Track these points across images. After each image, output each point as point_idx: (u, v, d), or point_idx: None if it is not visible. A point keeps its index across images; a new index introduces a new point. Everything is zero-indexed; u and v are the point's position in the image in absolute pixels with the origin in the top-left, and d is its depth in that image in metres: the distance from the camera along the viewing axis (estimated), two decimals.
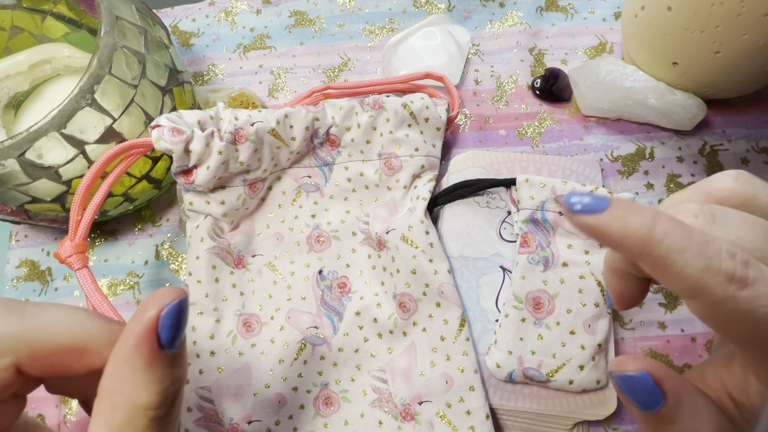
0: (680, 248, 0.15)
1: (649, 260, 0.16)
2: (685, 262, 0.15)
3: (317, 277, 0.32)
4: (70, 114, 0.26)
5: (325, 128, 0.33)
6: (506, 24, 0.41)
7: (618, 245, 0.16)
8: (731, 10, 0.28)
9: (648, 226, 0.16)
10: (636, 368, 0.18)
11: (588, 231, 0.17)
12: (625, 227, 0.16)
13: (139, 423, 0.15)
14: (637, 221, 0.16)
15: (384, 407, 0.29)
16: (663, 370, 0.17)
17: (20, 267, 0.36)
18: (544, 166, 0.34)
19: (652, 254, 0.16)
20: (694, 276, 0.15)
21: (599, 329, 0.29)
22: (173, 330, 0.16)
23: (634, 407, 0.18)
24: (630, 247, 0.16)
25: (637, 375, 0.17)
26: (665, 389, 0.17)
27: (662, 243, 0.15)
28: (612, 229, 0.16)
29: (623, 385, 0.18)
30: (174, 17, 0.43)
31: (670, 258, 0.15)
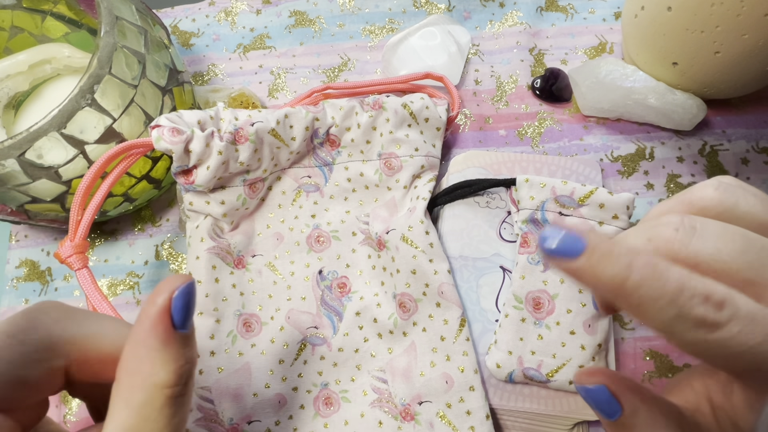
0: (653, 297, 0.16)
1: (624, 304, 0.17)
2: (657, 309, 0.16)
3: (317, 277, 0.32)
4: (70, 114, 0.26)
5: (325, 128, 0.33)
6: (506, 24, 0.41)
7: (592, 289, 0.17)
8: (731, 10, 0.28)
9: (622, 276, 0.16)
10: (593, 381, 0.19)
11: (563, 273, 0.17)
12: (598, 276, 0.16)
13: (157, 401, 0.16)
14: (611, 271, 0.16)
15: (384, 407, 0.29)
16: (620, 384, 0.19)
17: (20, 267, 0.36)
18: (544, 166, 0.34)
19: (626, 301, 0.16)
20: (666, 322, 0.16)
21: (599, 329, 0.29)
22: (184, 310, 0.17)
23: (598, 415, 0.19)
24: (603, 292, 0.17)
25: (594, 388, 0.19)
26: (621, 401, 0.18)
27: (636, 293, 0.16)
28: (586, 276, 0.17)
29: (585, 396, 0.19)
30: (174, 17, 0.43)
31: (643, 306, 0.16)
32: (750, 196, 0.18)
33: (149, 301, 0.17)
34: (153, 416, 0.16)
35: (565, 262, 0.17)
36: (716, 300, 0.16)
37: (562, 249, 0.17)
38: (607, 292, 0.16)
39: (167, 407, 0.16)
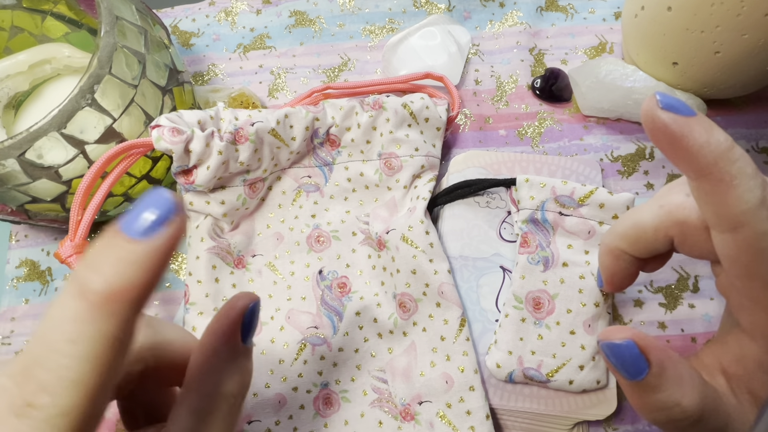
0: (750, 173, 0.16)
1: (716, 176, 0.16)
2: (748, 187, 0.16)
3: (317, 277, 0.32)
4: (70, 114, 0.27)
5: (325, 128, 0.33)
6: (506, 24, 0.41)
7: (694, 152, 0.17)
8: (731, 10, 0.28)
9: (729, 143, 0.16)
10: (622, 337, 0.18)
11: (667, 132, 0.17)
12: (709, 135, 0.16)
13: (223, 410, 0.17)
14: (721, 135, 0.16)
15: (384, 407, 0.29)
16: (648, 340, 0.18)
17: (20, 267, 0.36)
18: (544, 166, 0.34)
19: (723, 169, 0.16)
20: (751, 203, 0.16)
21: (599, 329, 0.29)
22: (252, 326, 0.18)
23: (621, 376, 0.19)
24: (705, 156, 0.16)
25: (623, 343, 0.18)
26: (650, 358, 0.18)
27: (736, 162, 0.16)
28: (695, 133, 0.16)
29: (610, 353, 0.19)
30: (174, 17, 0.43)
31: (737, 179, 0.16)
32: None
33: (223, 314, 0.18)
34: (216, 424, 0.17)
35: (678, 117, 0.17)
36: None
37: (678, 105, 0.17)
38: (710, 154, 0.16)
39: (229, 415, 0.17)
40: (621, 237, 0.22)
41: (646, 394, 0.18)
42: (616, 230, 0.22)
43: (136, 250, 0.13)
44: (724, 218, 0.17)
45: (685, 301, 0.32)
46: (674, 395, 0.18)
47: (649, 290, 0.33)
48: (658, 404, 0.18)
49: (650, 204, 0.21)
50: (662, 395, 0.18)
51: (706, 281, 0.33)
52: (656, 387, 0.18)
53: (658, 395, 0.18)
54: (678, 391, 0.18)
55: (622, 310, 0.32)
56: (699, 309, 0.32)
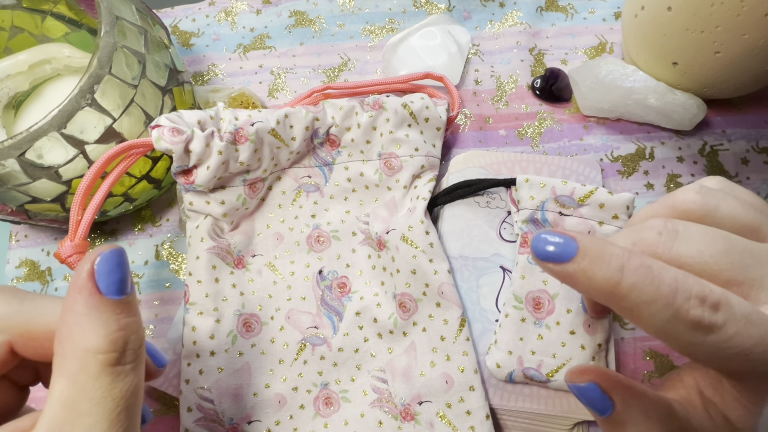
0: (647, 300, 0.16)
1: (617, 308, 0.17)
2: (651, 313, 0.16)
3: (317, 277, 0.32)
4: (70, 114, 0.26)
5: (325, 128, 0.33)
6: (506, 24, 0.41)
7: (585, 293, 0.18)
8: (731, 10, 0.28)
9: (615, 279, 0.16)
10: (585, 379, 0.19)
11: (555, 277, 0.18)
12: (590, 280, 0.16)
13: (92, 368, 0.16)
14: (604, 274, 0.16)
15: (384, 407, 0.29)
16: (611, 381, 0.19)
17: (20, 267, 0.36)
18: (544, 166, 0.34)
19: (619, 304, 0.16)
20: (660, 325, 0.16)
21: (599, 329, 0.29)
22: (110, 275, 0.17)
23: (591, 412, 0.20)
24: (597, 296, 0.17)
25: (585, 386, 0.19)
26: (612, 397, 0.19)
27: (629, 295, 0.16)
28: (578, 280, 0.17)
29: (578, 394, 0.20)
30: (174, 17, 0.43)
31: (637, 309, 0.16)
32: (731, 199, 0.19)
33: (76, 269, 0.17)
34: (89, 385, 0.16)
35: (557, 266, 0.17)
36: (712, 301, 0.16)
37: (553, 253, 0.17)
38: (601, 297, 0.17)
39: (104, 375, 0.16)
40: None
41: (615, 428, 0.19)
42: None
43: None
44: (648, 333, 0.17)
45: None
46: (641, 430, 0.19)
47: None
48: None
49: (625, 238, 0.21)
50: (630, 430, 0.19)
51: None
52: (623, 423, 0.19)
53: (624, 430, 0.19)
54: (644, 426, 0.18)
55: None
56: None
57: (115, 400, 0.16)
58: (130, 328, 0.17)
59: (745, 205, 0.19)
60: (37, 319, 0.18)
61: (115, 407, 0.16)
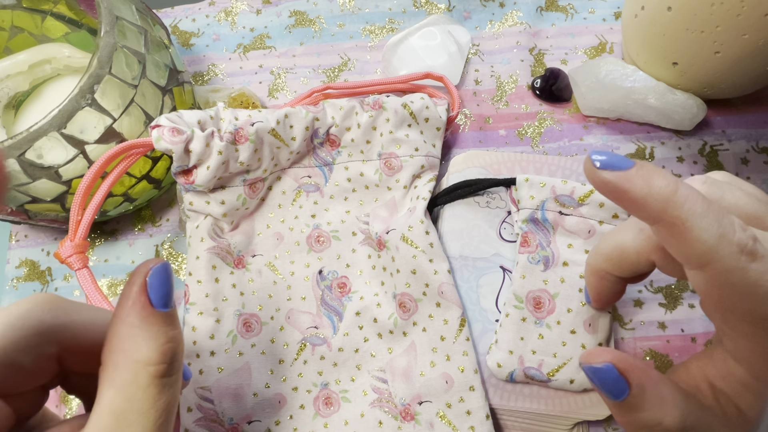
0: (700, 213, 0.16)
1: (668, 222, 0.17)
2: (702, 227, 0.16)
3: (317, 277, 0.32)
4: (70, 114, 0.26)
5: (325, 128, 0.33)
6: (506, 24, 0.41)
7: (640, 203, 0.17)
8: (731, 10, 0.28)
9: (672, 188, 0.16)
10: (602, 360, 0.19)
11: (610, 188, 0.17)
12: (650, 185, 0.17)
13: (142, 380, 0.16)
14: (662, 181, 0.16)
15: (384, 407, 0.29)
16: (627, 362, 0.19)
17: (20, 267, 0.36)
18: (544, 166, 0.34)
19: (672, 215, 0.16)
20: (710, 242, 0.16)
21: (600, 328, 0.29)
22: (161, 289, 0.17)
23: (605, 396, 0.19)
24: (652, 205, 0.17)
25: (602, 366, 0.19)
26: (629, 380, 0.18)
27: (684, 205, 0.16)
28: (637, 186, 0.17)
29: (592, 376, 0.19)
30: (174, 17, 0.43)
31: (689, 221, 0.16)
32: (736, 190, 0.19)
33: (127, 282, 0.17)
34: (138, 396, 0.16)
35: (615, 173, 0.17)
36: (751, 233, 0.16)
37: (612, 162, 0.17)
38: (655, 203, 0.17)
39: (152, 387, 0.16)
40: (605, 259, 0.22)
41: (629, 413, 0.19)
42: (599, 251, 0.23)
43: None
44: (688, 258, 0.17)
45: (685, 301, 0.32)
46: (656, 414, 0.18)
47: (649, 290, 0.33)
48: (640, 423, 0.19)
49: (631, 226, 0.21)
50: (644, 414, 0.18)
51: None
52: (638, 406, 0.18)
53: (640, 414, 0.19)
54: (659, 411, 0.18)
55: (622, 310, 0.32)
56: (699, 309, 0.32)
57: (159, 411, 0.16)
58: (176, 340, 0.17)
59: (750, 196, 0.19)
60: (86, 332, 0.18)
61: (158, 418, 0.16)
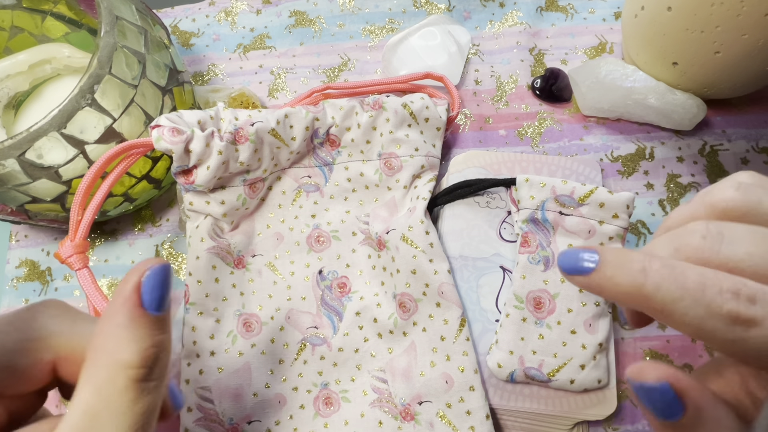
0: (675, 298, 0.16)
1: (648, 311, 0.16)
2: (683, 310, 0.16)
3: (317, 277, 0.32)
4: (70, 114, 0.26)
5: (325, 128, 0.33)
6: (506, 24, 0.41)
7: (614, 300, 0.17)
8: (731, 10, 0.28)
9: (639, 282, 0.16)
10: (656, 378, 0.17)
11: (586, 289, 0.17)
12: (617, 286, 0.16)
13: (119, 381, 0.16)
14: (627, 279, 0.16)
15: (384, 407, 0.29)
16: (685, 381, 0.17)
17: (20, 267, 0.36)
18: (544, 166, 0.34)
19: (648, 306, 0.16)
20: (696, 322, 0.16)
21: (600, 328, 0.29)
22: (155, 291, 0.17)
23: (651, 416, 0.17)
24: (626, 301, 0.17)
25: (656, 386, 0.17)
26: (686, 401, 0.17)
27: (656, 295, 0.16)
28: (604, 288, 0.17)
29: (642, 394, 0.17)
30: (174, 17, 0.43)
31: (667, 309, 0.16)
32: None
33: (123, 280, 0.17)
34: (114, 397, 0.15)
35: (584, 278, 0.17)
36: (747, 294, 0.15)
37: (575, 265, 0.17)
38: (630, 301, 0.16)
39: (130, 390, 0.16)
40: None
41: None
42: None
43: None
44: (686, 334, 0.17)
45: None
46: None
47: None
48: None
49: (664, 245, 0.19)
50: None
51: None
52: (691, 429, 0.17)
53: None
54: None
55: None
56: None
57: (135, 416, 0.16)
58: (161, 345, 0.17)
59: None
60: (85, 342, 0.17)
61: (134, 423, 0.16)
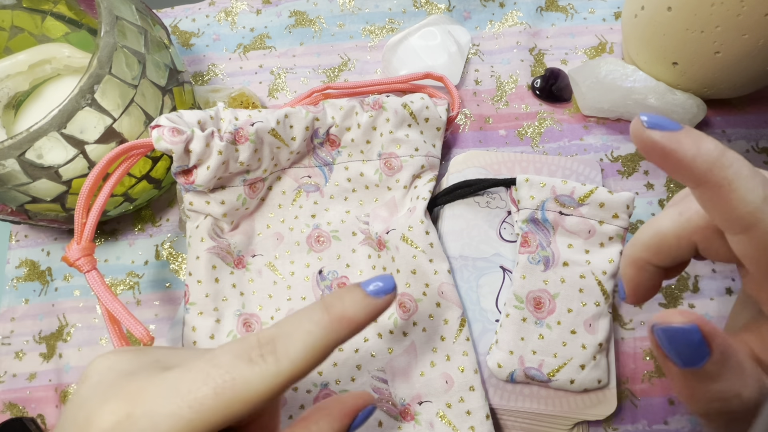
0: (746, 175, 0.16)
1: (714, 182, 0.16)
2: (749, 188, 0.16)
3: (317, 277, 0.32)
4: (70, 114, 0.26)
5: (325, 128, 0.33)
6: (506, 24, 0.41)
7: (687, 164, 0.17)
8: (731, 10, 0.28)
9: (719, 150, 0.16)
10: (683, 321, 0.17)
11: (657, 148, 0.17)
12: (698, 146, 0.16)
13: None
14: (710, 144, 0.16)
15: (384, 407, 0.29)
16: (711, 326, 0.17)
17: (20, 267, 0.36)
18: (544, 166, 0.34)
19: (718, 176, 0.16)
20: (755, 203, 0.16)
21: (600, 328, 0.29)
22: (361, 423, 0.21)
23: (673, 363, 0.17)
24: (699, 166, 0.16)
25: (685, 327, 0.17)
26: (712, 345, 0.16)
27: (731, 167, 0.16)
28: (685, 146, 0.17)
29: (666, 338, 0.17)
30: (174, 17, 0.43)
31: (735, 182, 0.16)
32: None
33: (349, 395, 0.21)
34: None
35: (665, 133, 0.17)
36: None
37: (663, 122, 0.17)
38: (702, 164, 0.16)
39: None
40: (644, 247, 0.21)
41: (702, 383, 0.17)
42: (638, 240, 0.22)
43: (366, 300, 0.20)
44: (733, 221, 0.16)
45: (685, 301, 0.32)
46: (735, 385, 0.17)
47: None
48: (715, 395, 0.17)
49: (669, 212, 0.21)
50: (721, 385, 0.17)
51: (706, 281, 0.33)
52: (715, 376, 0.17)
53: (715, 385, 0.17)
54: (739, 381, 0.17)
55: (622, 310, 0.32)
56: (699, 309, 0.32)
57: None
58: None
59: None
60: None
61: None
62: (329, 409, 0.20)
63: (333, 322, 0.19)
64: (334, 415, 0.20)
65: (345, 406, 0.20)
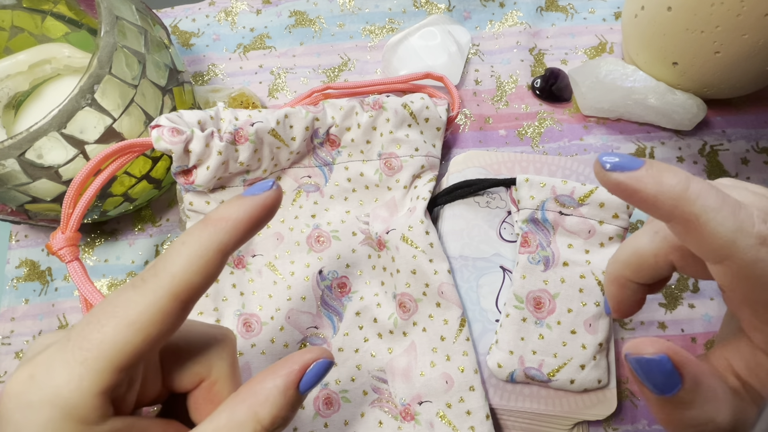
0: (714, 207, 0.16)
1: (682, 219, 0.16)
2: (718, 221, 0.16)
3: (317, 277, 0.32)
4: (70, 114, 0.27)
5: (325, 128, 0.33)
6: (506, 24, 0.41)
7: (651, 202, 0.17)
8: (731, 10, 0.28)
9: (683, 185, 0.16)
10: (654, 351, 0.17)
11: (621, 189, 0.17)
12: (660, 184, 0.16)
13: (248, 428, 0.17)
14: (672, 179, 0.16)
15: (384, 407, 0.29)
16: (681, 355, 0.17)
17: (20, 267, 0.36)
18: (544, 166, 0.34)
19: (685, 212, 0.16)
20: (727, 236, 0.16)
21: (600, 328, 0.29)
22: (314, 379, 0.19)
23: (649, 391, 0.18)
24: (663, 203, 0.16)
25: (655, 358, 0.17)
26: (683, 373, 0.17)
27: (696, 201, 0.16)
28: (647, 186, 0.16)
29: (639, 368, 0.18)
30: (174, 17, 0.43)
31: (704, 217, 0.16)
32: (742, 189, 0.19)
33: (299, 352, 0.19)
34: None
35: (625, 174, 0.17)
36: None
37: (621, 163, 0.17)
38: (666, 202, 0.16)
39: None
40: (624, 265, 0.22)
41: (677, 410, 0.17)
42: (618, 259, 0.22)
43: (241, 199, 0.19)
44: (707, 254, 0.17)
45: (685, 301, 0.32)
46: (708, 412, 0.17)
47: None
48: (690, 421, 0.17)
49: (646, 230, 0.21)
50: (695, 412, 0.17)
51: (706, 281, 0.33)
52: (689, 403, 0.17)
53: (690, 411, 0.17)
54: (712, 408, 0.17)
55: None
56: (699, 309, 0.32)
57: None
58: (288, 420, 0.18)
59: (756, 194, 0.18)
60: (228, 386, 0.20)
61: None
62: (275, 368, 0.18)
63: (209, 226, 0.18)
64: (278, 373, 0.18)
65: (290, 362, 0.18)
